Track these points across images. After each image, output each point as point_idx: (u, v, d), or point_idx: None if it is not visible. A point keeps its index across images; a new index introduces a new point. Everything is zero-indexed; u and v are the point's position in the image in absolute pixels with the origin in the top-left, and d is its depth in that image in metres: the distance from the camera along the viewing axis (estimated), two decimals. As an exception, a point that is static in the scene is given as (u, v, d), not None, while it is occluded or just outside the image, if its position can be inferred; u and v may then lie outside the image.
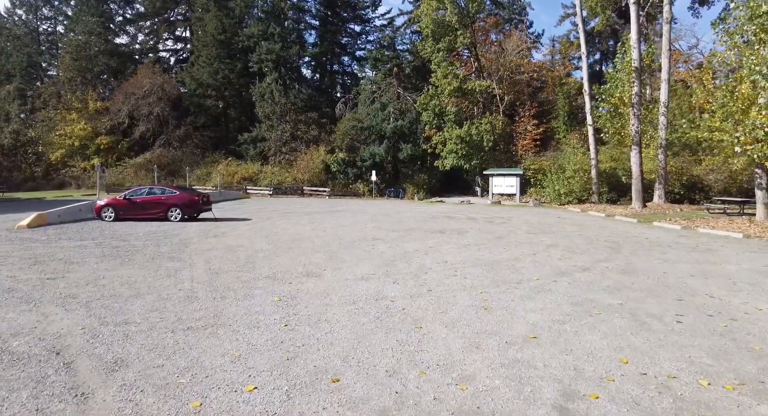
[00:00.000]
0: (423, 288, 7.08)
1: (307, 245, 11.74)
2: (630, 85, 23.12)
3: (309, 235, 13.75)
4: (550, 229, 16.14)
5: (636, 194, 24.19)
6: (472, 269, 8.59)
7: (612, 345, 4.74)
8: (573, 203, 29.13)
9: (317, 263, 9.15)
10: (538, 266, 9.03)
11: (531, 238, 13.52)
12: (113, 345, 4.71)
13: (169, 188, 18.61)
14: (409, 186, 38.25)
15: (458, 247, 11.55)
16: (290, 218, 19.30)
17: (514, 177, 31.80)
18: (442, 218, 19.97)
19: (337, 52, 54.45)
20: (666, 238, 13.98)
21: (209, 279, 7.73)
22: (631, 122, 23.64)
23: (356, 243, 12.07)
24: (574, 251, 11.09)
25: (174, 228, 15.30)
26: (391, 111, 39.31)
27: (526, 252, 10.84)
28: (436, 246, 11.60)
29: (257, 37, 46.44)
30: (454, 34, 35.93)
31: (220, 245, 11.57)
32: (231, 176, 42.14)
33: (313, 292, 6.85)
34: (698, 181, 30.10)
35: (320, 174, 39.98)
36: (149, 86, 46.88)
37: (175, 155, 46.21)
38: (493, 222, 18.29)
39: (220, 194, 33.04)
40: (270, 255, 10.12)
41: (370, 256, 10.06)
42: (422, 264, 9.09)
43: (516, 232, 15.07)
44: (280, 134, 42.34)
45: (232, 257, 9.93)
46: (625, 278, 8.12)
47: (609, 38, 53.07)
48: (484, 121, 35.35)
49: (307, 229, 15.30)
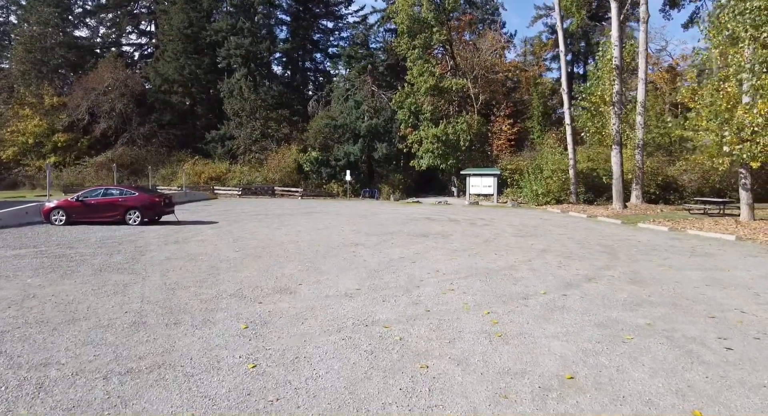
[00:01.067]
0: (419, 308, 6.02)
1: (280, 252, 10.55)
2: (611, 84, 22.68)
3: (281, 240, 12.54)
4: (537, 231, 15.36)
5: (617, 194, 23.79)
6: (469, 281, 7.59)
7: (669, 387, 3.79)
8: (551, 203, 28.65)
9: (292, 276, 7.99)
10: (539, 276, 8.10)
11: (520, 242, 12.67)
12: (16, 403, 3.48)
13: (128, 188, 17.07)
14: (384, 186, 37.25)
15: (447, 253, 10.56)
16: (261, 220, 18.00)
17: (491, 177, 31.14)
18: (423, 220, 19.01)
19: (309, 49, 53.00)
20: (657, 241, 13.35)
21: (163, 298, 6.50)
22: (612, 121, 23.22)
23: (335, 250, 10.94)
24: (570, 257, 10.25)
25: (131, 233, 13.85)
26: (366, 109, 38.20)
27: (520, 259, 9.93)
28: (422, 252, 10.58)
29: (226, 31, 44.64)
30: (430, 31, 35.09)
31: (180, 253, 10.27)
32: (198, 176, 40.24)
33: (288, 315, 5.70)
34: (673, 181, 30.10)
35: (292, 174, 38.54)
36: (111, 81, 44.45)
37: (138, 153, 43.93)
38: (476, 224, 17.42)
39: (186, 195, 31.32)
40: (237, 265, 8.91)
41: (352, 265, 8.96)
42: (412, 275, 8.04)
43: (502, 235, 14.22)
44: (249, 131, 40.67)
45: (193, 268, 8.68)
46: (638, 289, 7.26)
47: (580, 40, 53.38)
48: (460, 120, 34.63)
49: (280, 233, 14.09)
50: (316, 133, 39.49)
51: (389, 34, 49.36)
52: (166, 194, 17.83)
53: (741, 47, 16.03)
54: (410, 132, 36.21)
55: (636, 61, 27.34)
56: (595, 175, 30.71)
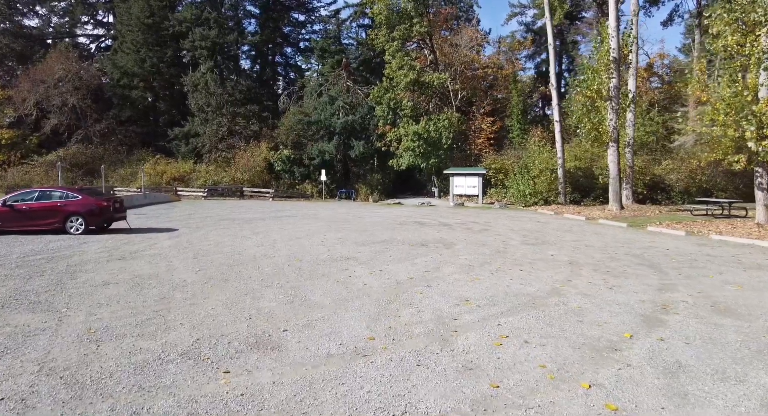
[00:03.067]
0: (479, 381, 3.89)
1: (252, 272, 8.33)
2: (609, 77, 21.18)
3: (253, 253, 10.29)
4: (545, 238, 13.56)
5: (613, 195, 22.34)
6: (520, 319, 5.58)
7: None
8: (539, 204, 27.15)
9: (271, 313, 5.81)
10: (600, 306, 6.18)
11: (537, 252, 10.79)
12: None
13: (71, 190, 14.47)
14: (361, 187, 35.07)
15: (462, 270, 8.56)
16: (228, 226, 15.63)
17: (476, 177, 29.39)
18: (412, 224, 16.99)
19: (279, 43, 50.25)
20: (687, 249, 11.70)
21: (77, 362, 4.25)
22: (609, 117, 21.74)
23: (322, 267, 8.79)
24: (610, 273, 8.41)
25: (69, 245, 11.35)
26: (341, 105, 35.93)
27: (556, 277, 8.02)
28: (433, 270, 8.54)
29: (190, 22, 41.63)
30: (410, 22, 33.12)
31: (124, 276, 7.94)
32: (159, 176, 37.12)
33: (272, 403, 3.55)
34: (660, 181, 29.10)
35: (262, 173, 35.93)
36: (62, 73, 40.70)
37: (95, 152, 40.43)
38: (473, 229, 15.52)
39: (145, 197, 28.43)
40: (196, 295, 6.67)
41: (350, 293, 6.83)
42: (438, 309, 5.97)
43: (511, 243, 12.33)
44: (215, 128, 37.78)
45: (135, 299, 6.41)
46: (739, 324, 5.41)
47: (556, 38, 52.47)
48: (442, 117, 32.79)
49: (251, 244, 11.81)
50: (288, 130, 36.98)
51: (362, 30, 47.41)
52: (117, 197, 15.27)
53: (759, 35, 14.67)
54: (389, 129, 34.18)
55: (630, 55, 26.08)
56: (580, 174, 29.44)
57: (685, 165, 28.69)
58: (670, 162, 29.37)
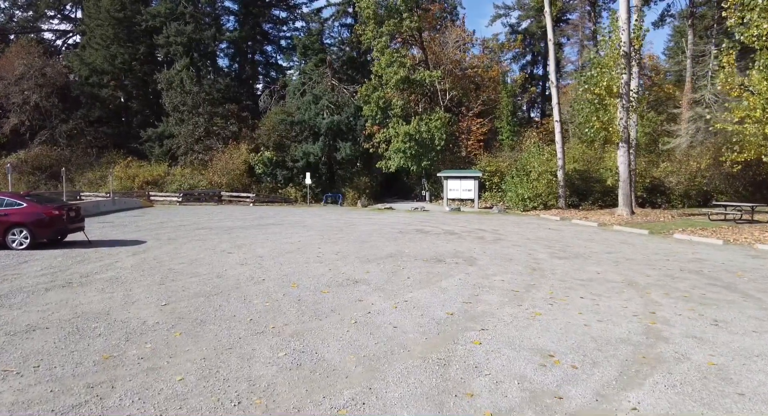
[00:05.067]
0: None
1: (237, 307, 6.30)
2: (620, 73, 19.68)
3: (237, 276, 8.25)
4: (571, 249, 11.84)
5: (624, 198, 20.85)
6: (653, 394, 3.73)
7: None
8: (539, 208, 25.58)
9: (272, 394, 3.83)
10: (745, 363, 4.37)
11: (577, 269, 9.01)
12: None
13: (14, 197, 12.13)
14: (348, 190, 33.06)
15: (508, 299, 6.68)
16: (205, 237, 13.48)
17: (471, 180, 27.64)
18: (414, 233, 15.10)
19: (259, 40, 47.93)
20: (745, 262, 10.07)
21: None
22: (619, 115, 20.27)
23: (327, 297, 6.81)
24: (692, 300, 6.66)
25: (4, 265, 9.13)
26: (326, 104, 33.87)
27: (634, 309, 6.19)
28: (472, 299, 6.64)
29: (165, 16, 39.08)
30: (399, 17, 31.32)
31: (61, 314, 5.84)
32: (131, 180, 34.46)
33: None
34: (659, 184, 27.89)
35: (242, 177, 33.60)
36: (24, 69, 37.77)
37: (61, 154, 37.46)
38: (484, 239, 13.71)
39: (114, 204, 25.92)
40: (157, 352, 4.64)
41: (379, 345, 4.87)
42: (522, 378, 4.06)
43: (538, 256, 10.54)
44: (192, 128, 35.28)
45: (65, 361, 4.35)
46: None
47: (540, 40, 51.31)
48: (434, 116, 31.04)
49: (233, 261, 9.75)
50: (270, 130, 34.76)
51: (345, 30, 45.52)
52: (73, 205, 12.96)
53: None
54: (377, 130, 32.30)
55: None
56: (576, 177, 28.04)
57: (684, 167, 27.53)
58: (669, 164, 28.20)
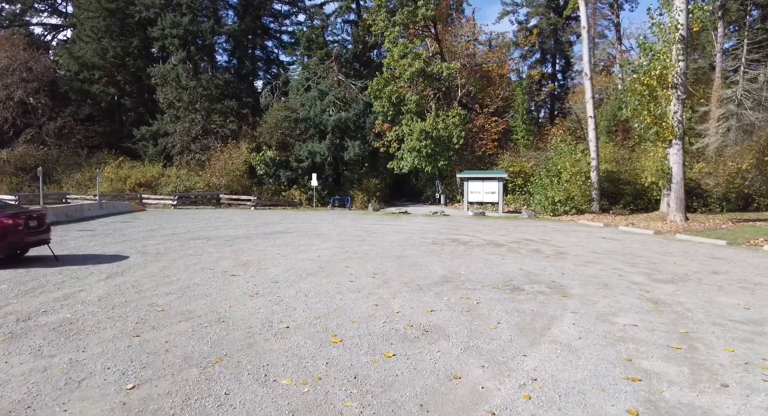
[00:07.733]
0: None
1: (255, 400, 3.77)
2: (677, 60, 17.23)
3: (246, 321, 5.69)
4: (662, 267, 9.40)
5: (677, 202, 18.39)
6: None
7: None
8: (570, 213, 23.18)
9: None
10: None
11: (701, 299, 6.51)
12: None
13: (-37, 201, 9.58)
14: (356, 193, 30.56)
15: (672, 360, 4.17)
16: (202, 251, 10.91)
17: (495, 181, 25.12)
18: (453, 244, 12.58)
19: (259, 34, 45.45)
20: None
21: None
22: (673, 108, 17.82)
23: (395, 367, 4.28)
24: None
25: None
26: (333, 100, 31.39)
27: None
28: (621, 363, 4.12)
29: (159, 7, 36.58)
30: (414, 5, 28.86)
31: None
32: (122, 182, 31.87)
33: None
34: (696, 186, 25.49)
35: (242, 178, 31.07)
36: (7, 63, 35.20)
37: (48, 153, 34.92)
38: (544, 253, 11.20)
39: (101, 207, 23.23)
40: None
41: None
42: None
43: (634, 280, 8.05)
44: (188, 126, 32.72)
45: None
46: None
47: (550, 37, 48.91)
48: (451, 113, 28.55)
49: (239, 290, 7.19)
50: (272, 128, 32.24)
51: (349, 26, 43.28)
52: (35, 213, 10.33)
53: None
54: (388, 128, 29.83)
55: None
56: (605, 178, 25.64)
57: (722, 168, 25.12)
58: (704, 165, 25.80)
